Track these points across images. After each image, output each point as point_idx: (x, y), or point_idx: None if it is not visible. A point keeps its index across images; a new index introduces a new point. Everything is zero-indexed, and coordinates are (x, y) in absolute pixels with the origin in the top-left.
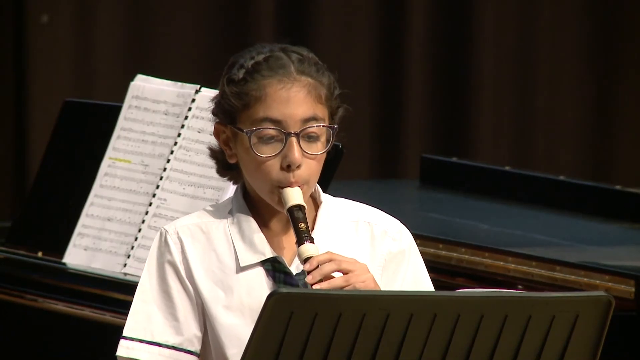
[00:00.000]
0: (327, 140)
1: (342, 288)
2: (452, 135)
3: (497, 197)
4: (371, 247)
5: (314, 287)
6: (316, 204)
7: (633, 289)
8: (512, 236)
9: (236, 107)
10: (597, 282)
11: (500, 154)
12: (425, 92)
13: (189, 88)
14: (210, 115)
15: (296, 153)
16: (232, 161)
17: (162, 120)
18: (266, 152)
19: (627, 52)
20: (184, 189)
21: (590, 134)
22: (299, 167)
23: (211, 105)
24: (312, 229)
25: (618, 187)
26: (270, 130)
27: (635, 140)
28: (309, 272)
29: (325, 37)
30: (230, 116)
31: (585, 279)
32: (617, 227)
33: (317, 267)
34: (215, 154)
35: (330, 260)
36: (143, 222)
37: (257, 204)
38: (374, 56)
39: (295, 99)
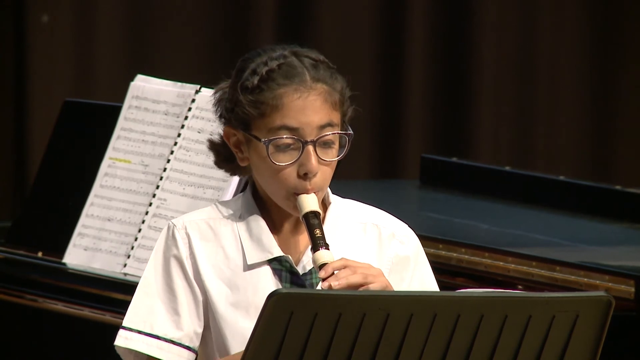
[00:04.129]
0: (341, 146)
1: (360, 284)
2: (452, 135)
3: (497, 197)
4: (378, 250)
5: (334, 286)
6: (324, 205)
7: (633, 289)
8: (512, 236)
9: (251, 114)
10: (597, 282)
11: (500, 154)
12: (426, 92)
13: (189, 88)
14: (210, 115)
15: (314, 162)
16: (243, 164)
17: (162, 121)
18: (283, 160)
19: (627, 52)
20: (184, 189)
21: (590, 134)
22: (315, 174)
23: (214, 105)
24: None
25: (618, 187)
26: (287, 139)
27: (635, 140)
28: (324, 279)
29: (325, 37)
30: (244, 123)
31: (585, 279)
32: (617, 227)
33: (333, 274)
34: (215, 146)
35: (345, 267)
36: (143, 222)
37: (267, 204)
38: (374, 56)
39: (312, 107)
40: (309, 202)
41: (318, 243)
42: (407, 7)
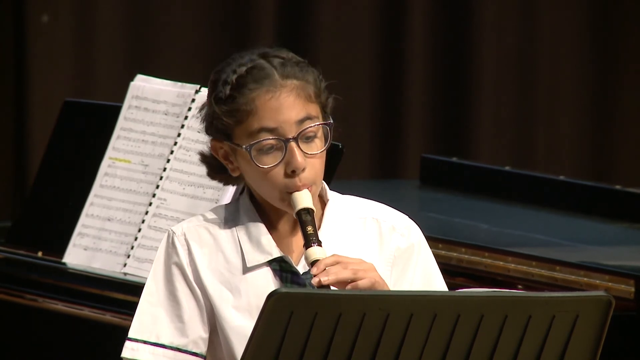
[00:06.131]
0: (325, 137)
1: (349, 280)
2: (452, 135)
3: (497, 197)
4: (379, 244)
5: (323, 282)
6: (323, 201)
7: (633, 289)
8: (512, 236)
9: (229, 124)
10: (597, 282)
11: (500, 154)
12: (426, 92)
13: (189, 88)
14: None
15: (298, 158)
16: (235, 174)
17: (162, 120)
18: (268, 162)
19: (627, 51)
20: (184, 189)
21: (591, 134)
22: (303, 170)
23: (201, 122)
24: (319, 227)
25: (618, 187)
26: (268, 141)
27: (635, 140)
28: (315, 276)
29: (325, 37)
30: (225, 133)
31: (585, 279)
32: (617, 227)
33: (324, 270)
34: (205, 159)
35: (337, 263)
36: (143, 222)
37: (264, 205)
38: (374, 56)
39: (286, 104)
40: (302, 199)
41: (310, 240)
42: (407, 7)
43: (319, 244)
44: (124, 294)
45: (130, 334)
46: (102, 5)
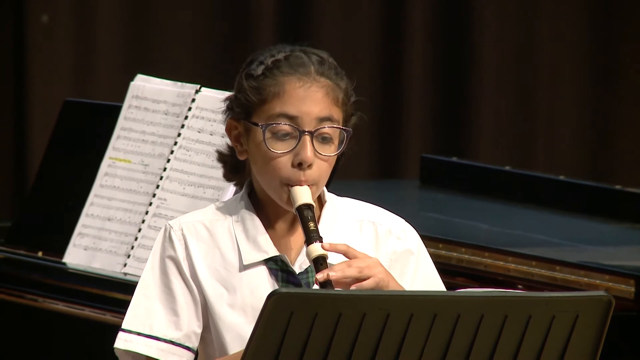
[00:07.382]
0: (340, 143)
1: (354, 278)
2: (452, 135)
3: (497, 197)
4: (375, 247)
5: (331, 276)
6: (320, 202)
7: (633, 289)
8: (512, 236)
9: (253, 101)
10: (597, 282)
11: (500, 154)
12: (426, 92)
13: (189, 88)
14: (210, 115)
15: (309, 152)
16: (242, 158)
17: (162, 120)
18: (279, 148)
19: (627, 52)
20: (184, 188)
21: (590, 134)
22: (310, 166)
23: (223, 112)
24: None
25: (618, 187)
26: (285, 126)
27: (635, 140)
28: (318, 272)
29: (325, 37)
30: (246, 110)
31: (585, 279)
32: (617, 227)
33: (327, 266)
34: (223, 157)
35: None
36: (143, 222)
37: (263, 203)
38: (374, 55)
39: (313, 98)
40: (303, 195)
41: (312, 236)
42: (407, 7)
43: (321, 240)
44: (124, 294)
45: (124, 325)
46: (102, 5)
